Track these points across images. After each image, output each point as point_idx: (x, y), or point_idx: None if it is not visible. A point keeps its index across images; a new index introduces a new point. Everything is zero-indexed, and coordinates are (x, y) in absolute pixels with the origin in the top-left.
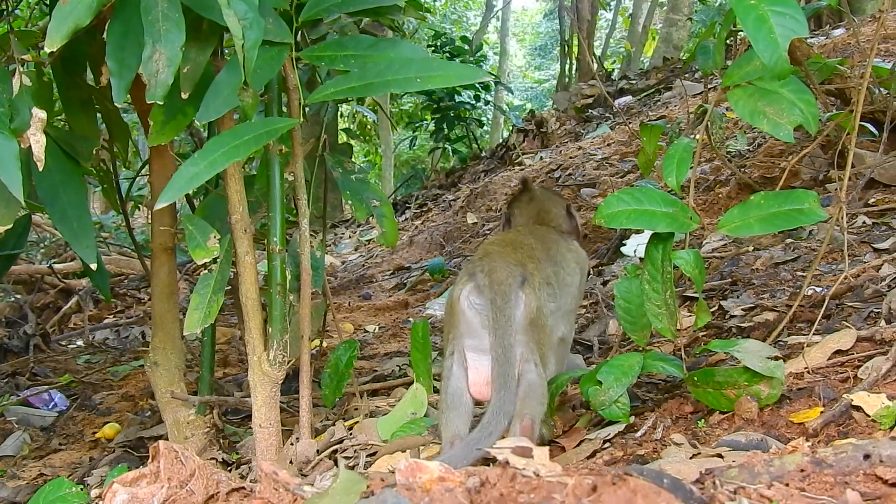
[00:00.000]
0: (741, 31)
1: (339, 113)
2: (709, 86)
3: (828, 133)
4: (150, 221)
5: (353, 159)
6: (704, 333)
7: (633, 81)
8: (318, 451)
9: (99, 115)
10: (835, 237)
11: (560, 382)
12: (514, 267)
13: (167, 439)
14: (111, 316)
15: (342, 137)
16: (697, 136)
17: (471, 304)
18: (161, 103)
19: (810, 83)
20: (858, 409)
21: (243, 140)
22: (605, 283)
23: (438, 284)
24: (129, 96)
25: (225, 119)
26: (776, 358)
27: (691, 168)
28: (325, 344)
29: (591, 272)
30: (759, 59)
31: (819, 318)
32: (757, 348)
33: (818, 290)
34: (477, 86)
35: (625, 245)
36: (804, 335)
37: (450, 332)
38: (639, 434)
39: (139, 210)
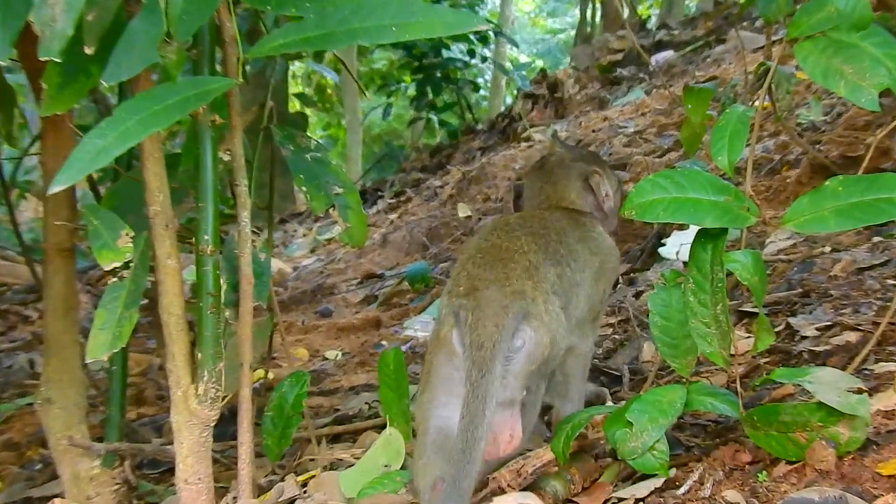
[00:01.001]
0: None
1: (289, 73)
2: (772, 38)
3: None
4: (41, 215)
5: (308, 133)
6: (767, 360)
7: (675, 32)
8: None
9: None
10: None
11: (577, 422)
12: (506, 307)
13: (64, 499)
14: None
15: (294, 105)
16: (757, 104)
17: (463, 352)
18: (58, 60)
19: None
20: None
21: (165, 105)
22: (637, 295)
23: (420, 297)
24: (14, 51)
25: (141, 80)
26: (860, 391)
27: (749, 145)
28: (271, 375)
29: (621, 280)
30: (833, 3)
31: None
32: (835, 379)
33: None
34: (471, 37)
35: (663, 245)
36: None
37: (435, 375)
38: (681, 491)
39: (26, 200)
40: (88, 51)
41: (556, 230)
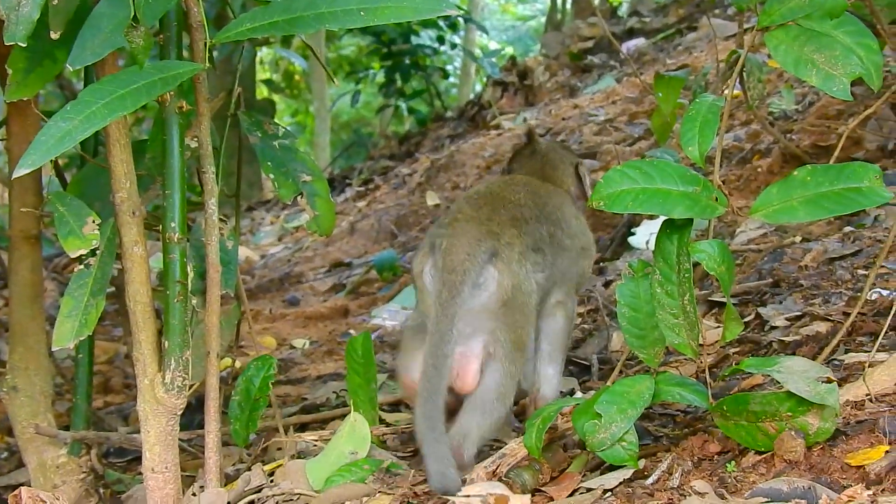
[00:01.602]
0: None
1: (257, 59)
2: (744, 25)
3: None
4: (6, 201)
5: (276, 120)
6: (736, 350)
7: (647, 19)
8: (228, 502)
9: None
10: None
11: (547, 416)
12: (480, 241)
13: (30, 487)
14: None
15: (262, 91)
16: (728, 92)
17: (434, 281)
18: (23, 45)
19: (876, 22)
20: None
21: (131, 89)
22: (607, 285)
23: (389, 286)
24: None
25: (106, 65)
26: (829, 381)
27: (719, 134)
28: (238, 363)
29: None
30: None
31: (885, 329)
32: (804, 368)
33: (885, 293)
34: (440, 23)
35: (633, 235)
36: (866, 352)
37: (418, 305)
38: (650, 481)
39: None
40: (54, 35)
41: (550, 195)
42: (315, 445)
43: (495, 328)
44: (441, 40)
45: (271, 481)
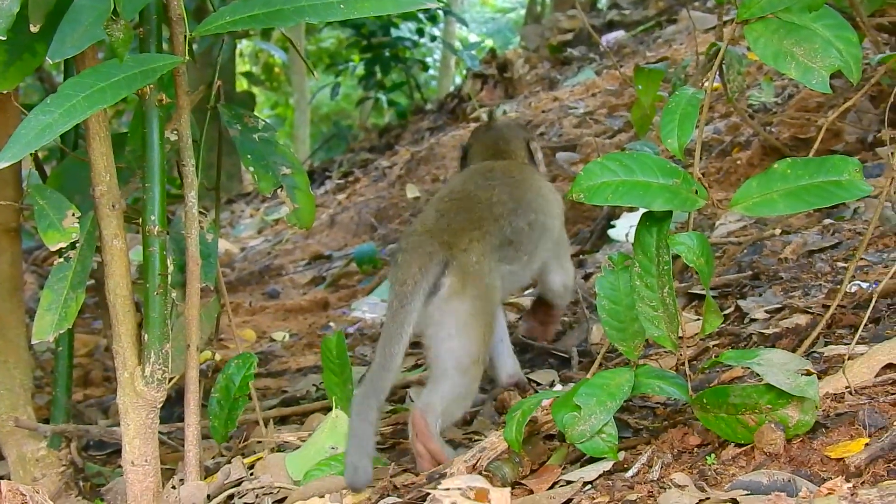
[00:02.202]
0: None
1: (237, 51)
2: (724, 18)
3: (878, 81)
4: None
5: (256, 113)
6: (716, 342)
7: (627, 12)
8: (208, 495)
9: None
10: (886, 217)
11: (527, 409)
12: (432, 254)
13: (10, 480)
14: None
15: (242, 84)
16: (708, 85)
17: (389, 291)
18: (3, 38)
19: (856, 15)
20: None
21: (111, 82)
22: (586, 278)
23: (368, 279)
24: None
25: (86, 58)
26: (809, 373)
27: (699, 126)
28: (218, 356)
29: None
30: None
31: (865, 322)
32: (784, 361)
33: (864, 285)
34: (420, 16)
35: (613, 227)
36: (845, 344)
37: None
38: (630, 474)
39: None
40: (34, 28)
41: (522, 178)
42: (290, 442)
43: (458, 309)
44: (421, 33)
45: (251, 474)
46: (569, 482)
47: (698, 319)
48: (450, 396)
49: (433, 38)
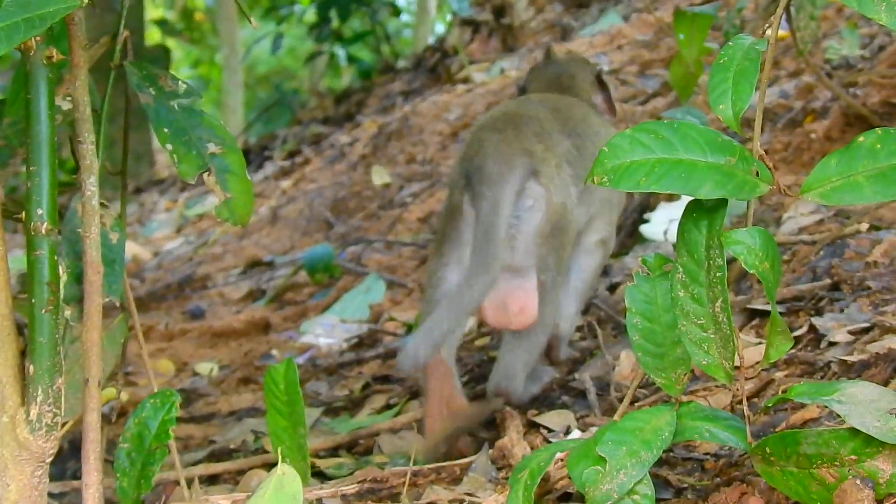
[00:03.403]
0: None
1: None
2: None
3: None
4: None
5: (173, 73)
6: (784, 373)
7: None
8: None
9: None
10: None
11: (536, 467)
12: (515, 159)
13: None
14: None
15: (154, 35)
16: (772, 34)
17: (474, 208)
18: None
19: None
20: None
21: None
22: (612, 289)
23: (323, 292)
24: None
25: None
26: None
27: (760, 88)
28: (125, 395)
29: None
30: None
31: None
32: (873, 397)
33: None
34: None
35: (647, 222)
36: None
37: (448, 239)
38: None
39: None
40: None
41: (572, 107)
42: None
43: (546, 255)
44: None
45: None
46: None
47: (761, 343)
48: (532, 360)
49: None
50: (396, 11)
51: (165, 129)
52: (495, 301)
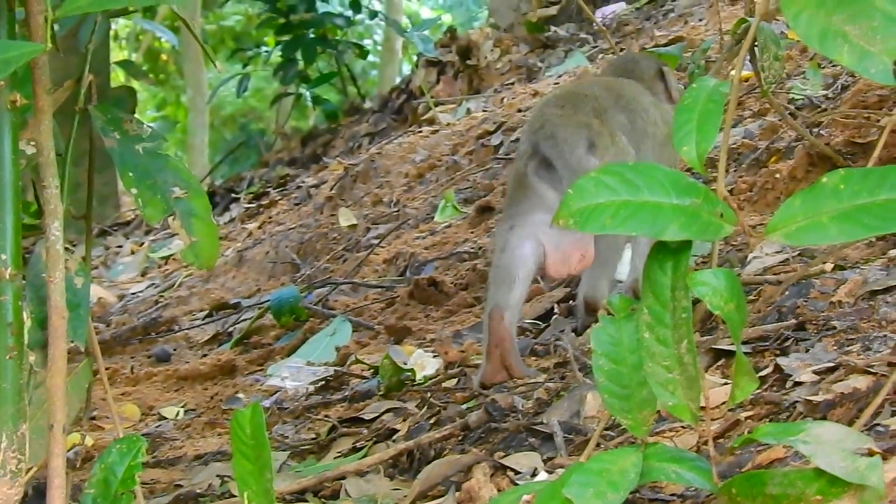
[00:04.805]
0: None
1: (111, 34)
2: None
3: None
4: None
5: (138, 115)
6: (749, 414)
7: None
8: None
9: None
10: None
11: None
12: (577, 129)
13: None
14: None
15: (119, 77)
16: (736, 74)
17: (541, 179)
18: None
19: None
20: None
21: None
22: (578, 331)
23: (289, 335)
24: None
25: None
26: (871, 453)
27: (724, 129)
28: (90, 440)
29: (557, 309)
30: None
31: None
32: (838, 437)
33: None
34: None
35: None
36: None
37: (513, 206)
38: None
39: None
40: None
41: (626, 87)
42: None
43: None
44: (356, 7)
45: None
46: None
47: (727, 383)
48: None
49: (373, 14)
50: (363, 53)
51: (130, 173)
52: (556, 258)
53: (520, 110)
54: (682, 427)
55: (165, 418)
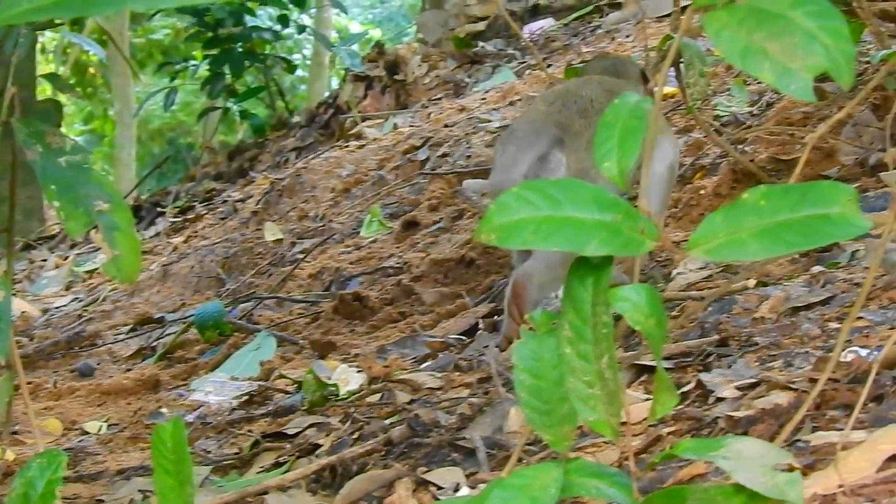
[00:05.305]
0: None
1: (39, 47)
2: (682, 3)
3: (882, 85)
4: None
5: (63, 129)
6: (671, 429)
7: None
8: None
9: None
10: (892, 263)
11: None
12: (548, 128)
13: None
14: None
15: (44, 90)
16: (659, 90)
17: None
18: None
19: None
20: None
21: None
22: (502, 346)
23: (214, 349)
24: None
25: None
26: (791, 469)
27: (646, 145)
28: (11, 455)
29: (482, 324)
30: None
31: (863, 400)
32: (759, 453)
33: (863, 353)
34: None
35: None
36: (839, 430)
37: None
38: None
39: None
40: None
41: (628, 87)
42: None
43: None
44: (284, 21)
45: None
46: None
47: (649, 399)
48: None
49: (301, 29)
50: (291, 67)
51: (53, 186)
52: None
53: (446, 125)
54: (604, 442)
55: (88, 433)
